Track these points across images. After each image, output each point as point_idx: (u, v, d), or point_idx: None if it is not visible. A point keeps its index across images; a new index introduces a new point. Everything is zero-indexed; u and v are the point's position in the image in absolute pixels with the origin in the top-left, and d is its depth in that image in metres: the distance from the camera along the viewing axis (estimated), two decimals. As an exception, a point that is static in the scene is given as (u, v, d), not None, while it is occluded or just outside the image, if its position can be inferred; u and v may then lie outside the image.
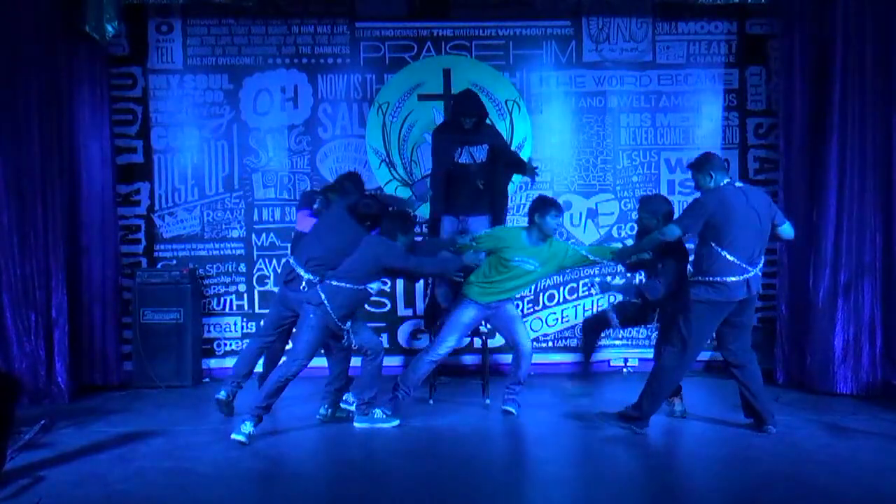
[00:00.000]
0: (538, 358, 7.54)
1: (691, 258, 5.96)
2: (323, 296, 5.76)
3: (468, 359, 7.79)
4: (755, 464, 5.10)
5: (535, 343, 7.84)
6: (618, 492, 4.82)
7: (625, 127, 7.92)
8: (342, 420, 6.15)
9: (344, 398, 6.24)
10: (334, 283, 5.80)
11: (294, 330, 6.25)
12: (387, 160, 7.88)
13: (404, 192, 7.80)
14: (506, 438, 5.94)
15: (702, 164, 5.76)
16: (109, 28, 7.08)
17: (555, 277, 7.86)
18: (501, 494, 4.75)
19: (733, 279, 5.49)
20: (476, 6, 7.83)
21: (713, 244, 5.52)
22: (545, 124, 7.93)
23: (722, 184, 5.66)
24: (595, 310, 7.82)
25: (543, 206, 6.08)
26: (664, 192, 7.62)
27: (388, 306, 7.92)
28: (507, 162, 6.92)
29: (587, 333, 6.59)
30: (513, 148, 7.62)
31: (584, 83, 7.90)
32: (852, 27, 6.91)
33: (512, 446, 5.85)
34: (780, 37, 7.40)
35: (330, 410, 6.22)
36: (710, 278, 5.52)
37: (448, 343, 6.22)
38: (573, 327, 7.95)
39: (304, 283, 6.01)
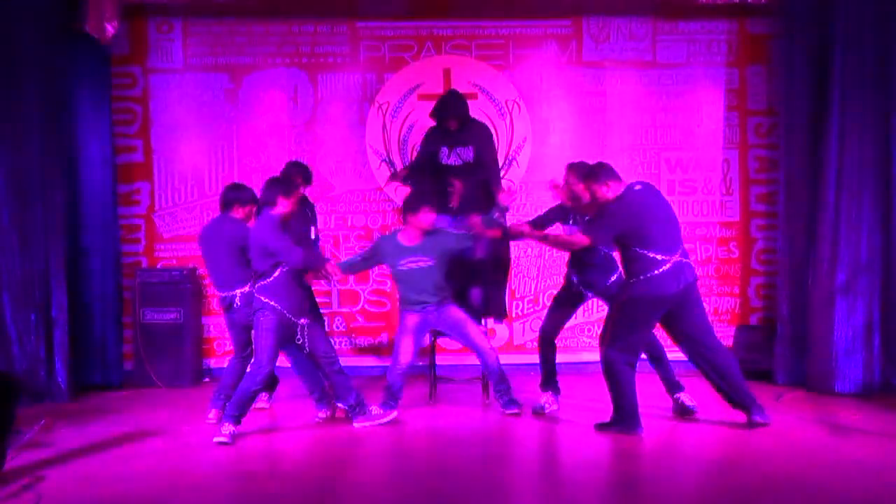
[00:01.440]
0: (537, 358, 7.55)
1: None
2: (262, 297, 5.70)
3: (468, 359, 7.77)
4: (754, 464, 5.10)
5: (534, 343, 7.85)
6: (615, 493, 4.82)
7: (625, 127, 7.92)
8: (341, 420, 6.15)
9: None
10: (264, 280, 5.71)
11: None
12: (387, 160, 7.88)
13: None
14: (505, 438, 5.93)
15: (598, 175, 5.63)
16: (109, 28, 7.09)
17: (555, 277, 7.86)
18: (499, 495, 4.75)
19: (659, 271, 5.48)
20: (476, 6, 7.82)
21: (636, 248, 5.52)
22: (545, 124, 7.92)
23: (622, 190, 5.59)
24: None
25: (414, 204, 6.07)
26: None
27: (389, 306, 7.92)
28: (479, 179, 6.80)
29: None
30: (511, 149, 7.60)
31: (584, 83, 7.90)
32: (852, 27, 6.91)
33: (511, 446, 5.84)
34: (780, 37, 7.40)
35: (329, 412, 6.20)
36: (641, 276, 5.53)
37: (405, 349, 6.13)
38: (572, 327, 7.93)
39: (235, 301, 5.97)
